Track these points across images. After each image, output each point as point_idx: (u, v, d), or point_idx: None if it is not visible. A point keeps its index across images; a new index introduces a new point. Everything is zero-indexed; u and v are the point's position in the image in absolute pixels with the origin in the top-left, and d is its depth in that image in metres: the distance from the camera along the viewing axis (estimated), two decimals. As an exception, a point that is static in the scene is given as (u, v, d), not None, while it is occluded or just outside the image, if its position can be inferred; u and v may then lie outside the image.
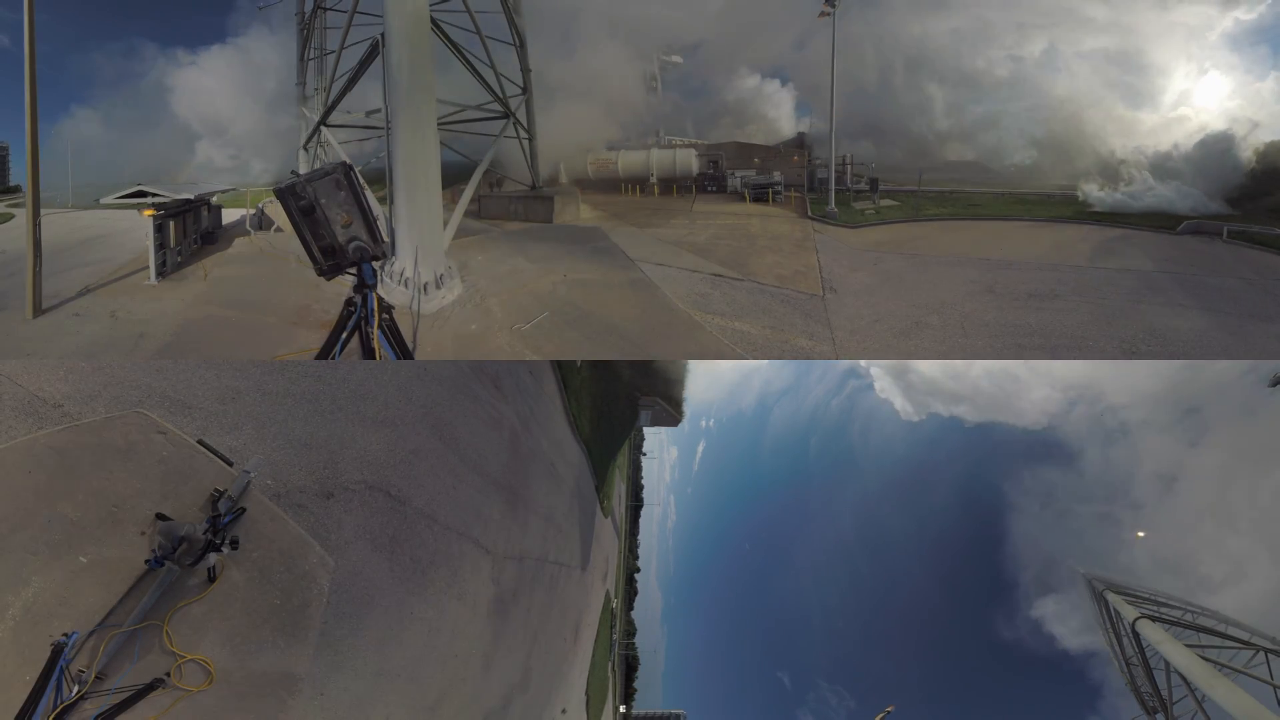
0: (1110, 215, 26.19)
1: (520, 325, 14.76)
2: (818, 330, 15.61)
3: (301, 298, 15.70)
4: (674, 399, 52.40)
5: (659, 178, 33.85)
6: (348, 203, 4.70)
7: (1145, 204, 26.13)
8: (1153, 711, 22.23)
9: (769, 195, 30.82)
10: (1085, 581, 29.91)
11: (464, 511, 12.09)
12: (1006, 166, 33.25)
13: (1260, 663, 18.59)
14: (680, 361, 45.48)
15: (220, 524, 6.56)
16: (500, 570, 13.85)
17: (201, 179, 32.92)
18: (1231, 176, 26.04)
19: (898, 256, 21.90)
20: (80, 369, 7.79)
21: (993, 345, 14.98)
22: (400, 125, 15.24)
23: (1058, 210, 27.71)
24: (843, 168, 32.58)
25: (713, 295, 17.23)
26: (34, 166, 14.14)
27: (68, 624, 6.00)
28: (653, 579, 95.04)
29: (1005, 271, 19.66)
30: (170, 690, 6.19)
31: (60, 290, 16.00)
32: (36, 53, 13.92)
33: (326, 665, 7.70)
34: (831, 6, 27.23)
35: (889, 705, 27.90)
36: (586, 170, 34.41)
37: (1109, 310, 16.44)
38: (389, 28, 15.24)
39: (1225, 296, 17.60)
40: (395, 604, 9.38)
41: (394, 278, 15.29)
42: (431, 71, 15.67)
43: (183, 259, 19.17)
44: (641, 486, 71.86)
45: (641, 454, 71.48)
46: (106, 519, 6.57)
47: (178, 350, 13.01)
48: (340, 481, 8.96)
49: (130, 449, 6.97)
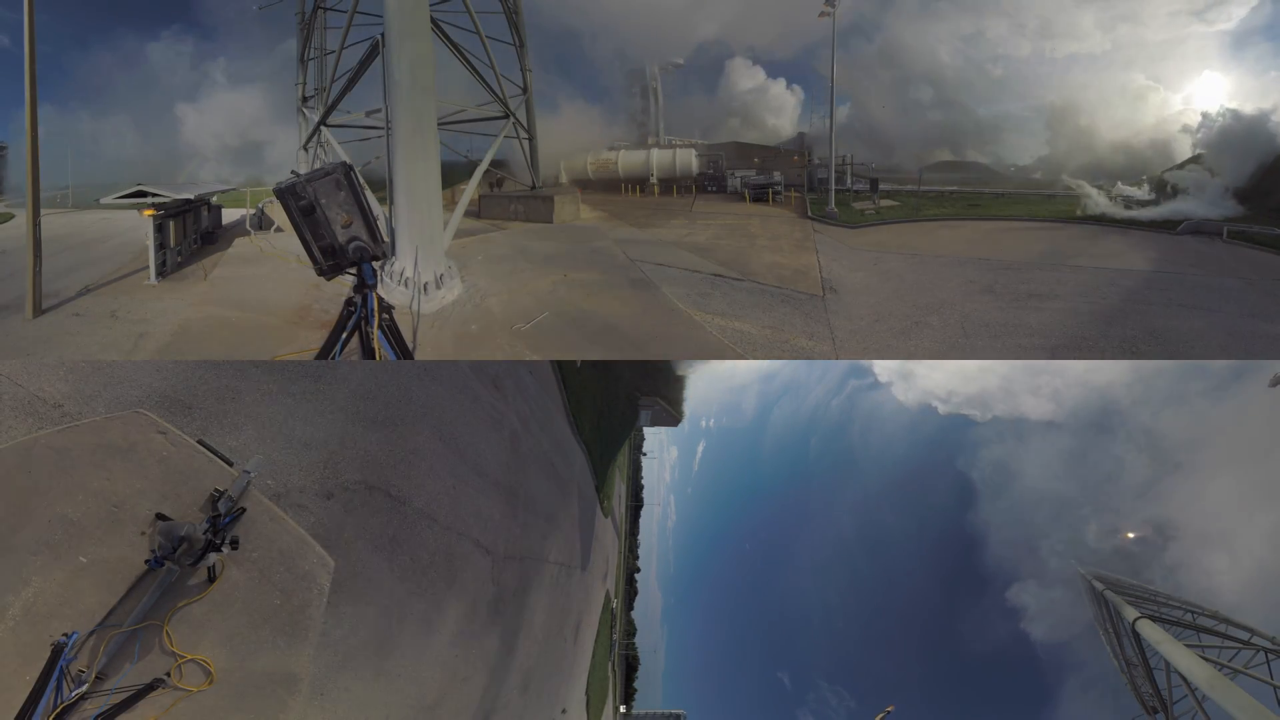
0: (1109, 215, 26.18)
1: (520, 325, 14.75)
2: (818, 330, 15.60)
3: (301, 298, 15.69)
4: (674, 399, 52.43)
5: (659, 178, 33.88)
6: (348, 203, 4.70)
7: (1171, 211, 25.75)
8: (1153, 711, 22.22)
9: (769, 195, 30.83)
10: (1085, 581, 29.90)
11: (464, 511, 12.08)
12: (1007, 166, 33.27)
13: (1260, 663, 18.58)
14: (680, 361, 45.50)
15: (220, 524, 6.55)
16: (500, 570, 13.85)
17: (201, 179, 32.92)
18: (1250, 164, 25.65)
19: (898, 256, 21.90)
20: (80, 369, 7.79)
21: (993, 345, 14.97)
22: (400, 125, 15.24)
23: (1058, 210, 27.71)
24: (843, 168, 32.60)
25: (713, 295, 17.22)
26: (34, 166, 14.13)
27: (68, 624, 6.00)
28: (653, 579, 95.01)
29: (1005, 271, 19.66)
30: (170, 690, 6.18)
31: (60, 290, 16.00)
32: (36, 53, 13.92)
33: (326, 665, 7.71)
34: (831, 6, 27.24)
35: (889, 705, 27.90)
36: (586, 170, 34.44)
37: (1109, 310, 16.42)
38: (389, 28, 15.23)
39: (1225, 296, 17.59)
40: (395, 604, 9.38)
41: (394, 278, 15.29)
42: (431, 71, 15.66)
43: (183, 259, 19.17)
44: (641, 486, 71.85)
45: (641, 454, 71.48)
46: (106, 519, 6.57)
47: (178, 350, 13.00)
48: (340, 481, 8.96)
49: (130, 449, 6.97)
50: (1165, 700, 20.78)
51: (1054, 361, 31.33)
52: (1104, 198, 27.38)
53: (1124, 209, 26.45)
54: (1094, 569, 32.05)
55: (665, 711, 60.57)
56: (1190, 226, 23.98)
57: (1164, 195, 26.78)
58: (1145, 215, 25.65)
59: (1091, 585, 28.02)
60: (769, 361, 27.28)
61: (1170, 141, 29.47)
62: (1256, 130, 26.68)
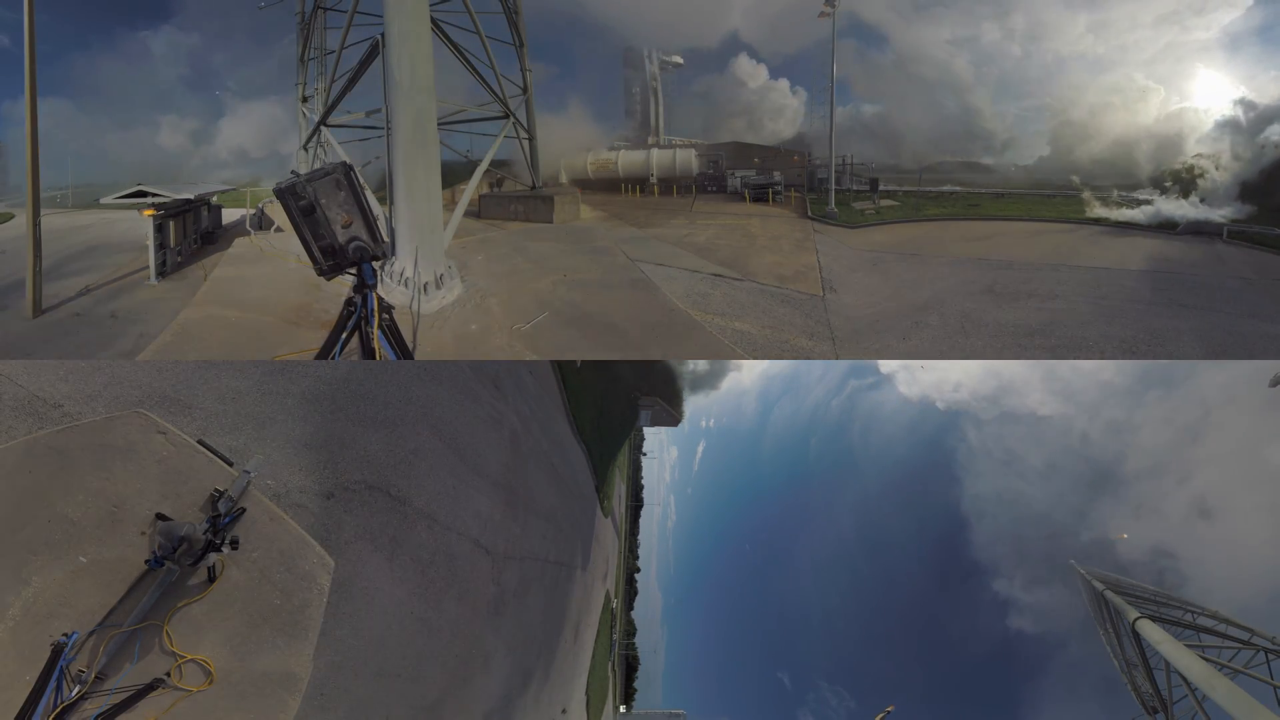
0: (1110, 216, 26.19)
1: (520, 325, 14.75)
2: (818, 330, 15.60)
3: (301, 298, 15.68)
4: (674, 399, 52.43)
5: (659, 178, 33.88)
6: (348, 203, 4.71)
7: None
8: (1153, 711, 22.19)
9: (769, 195, 30.83)
10: (1085, 581, 29.87)
11: (464, 511, 12.08)
12: (1007, 166, 33.28)
13: (1260, 663, 18.57)
14: (680, 361, 45.52)
15: (220, 524, 6.56)
16: (500, 570, 13.85)
17: (201, 179, 32.93)
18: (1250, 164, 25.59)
19: (897, 256, 21.90)
20: (80, 369, 7.79)
21: (993, 345, 14.97)
22: (400, 125, 15.23)
23: (1058, 210, 27.72)
24: (843, 168, 32.60)
25: (713, 295, 17.22)
26: (34, 166, 14.11)
27: (68, 624, 6.00)
28: (653, 579, 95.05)
29: (1005, 271, 19.66)
30: (170, 690, 6.19)
31: (60, 290, 15.99)
32: (36, 53, 13.92)
33: (326, 665, 7.70)
34: (831, 6, 27.24)
35: (889, 705, 27.90)
36: (586, 170, 34.44)
37: (1109, 310, 16.42)
38: (389, 28, 15.22)
39: (1225, 296, 17.59)
40: (395, 604, 9.38)
41: (394, 278, 15.28)
42: (431, 71, 15.65)
43: (183, 259, 19.17)
44: (641, 486, 71.86)
45: (641, 454, 71.51)
46: (106, 519, 6.57)
47: (178, 350, 12.99)
48: (340, 481, 8.96)
49: (130, 449, 6.97)
50: (1165, 700, 20.76)
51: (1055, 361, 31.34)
52: (1104, 198, 27.40)
53: (1124, 209, 26.45)
54: (1093, 568, 32.01)
55: (665, 711, 60.54)
56: (1190, 226, 23.98)
57: (1164, 195, 26.78)
58: (1145, 215, 25.65)
59: (1091, 585, 27.99)
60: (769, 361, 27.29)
61: (1170, 141, 29.46)
62: (1256, 130, 26.71)
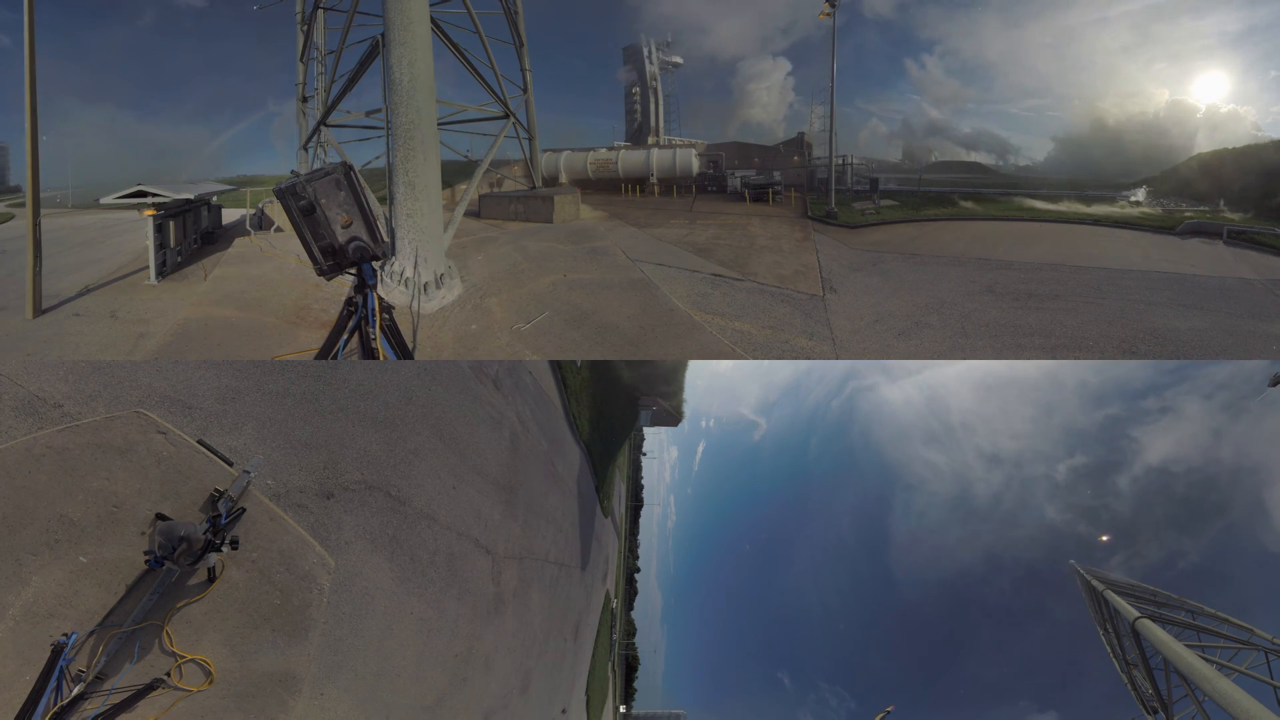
0: (1110, 216, 26.19)
1: (520, 325, 14.75)
2: (818, 330, 15.60)
3: (301, 298, 15.69)
4: (674, 399, 52.38)
5: (659, 178, 33.89)
6: (348, 203, 4.70)
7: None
8: (1153, 711, 22.18)
9: (769, 195, 30.83)
10: (1084, 581, 29.86)
11: (464, 511, 12.08)
12: (1008, 166, 33.29)
13: (1260, 663, 18.56)
14: (680, 361, 45.48)
15: (220, 524, 6.55)
16: (500, 570, 13.85)
17: (201, 179, 32.93)
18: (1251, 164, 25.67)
19: (898, 256, 21.89)
20: (80, 369, 7.78)
21: (993, 345, 14.97)
22: (400, 125, 15.24)
23: (1058, 210, 27.71)
24: (843, 168, 32.60)
25: (713, 295, 17.22)
26: (34, 166, 14.12)
27: (68, 624, 6.00)
28: (653, 579, 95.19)
29: (1005, 271, 19.66)
30: (170, 690, 6.19)
31: (60, 290, 15.99)
32: (36, 53, 13.92)
33: (326, 665, 7.70)
34: (832, 6, 27.25)
35: (889, 705, 27.89)
36: (586, 170, 34.44)
37: (1109, 310, 16.42)
38: (389, 28, 15.23)
39: (1225, 296, 17.59)
40: (395, 604, 9.38)
41: (394, 278, 15.28)
42: (431, 71, 15.66)
43: (183, 259, 19.17)
44: (641, 486, 71.89)
45: (641, 454, 71.54)
46: (106, 519, 6.57)
47: (178, 350, 12.99)
48: (340, 481, 8.95)
49: (130, 449, 6.97)
50: (1165, 700, 20.75)
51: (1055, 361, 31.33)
52: (1104, 197, 27.41)
53: (1124, 209, 26.46)
54: (1093, 569, 31.99)
55: (665, 711, 60.56)
56: (1190, 226, 23.97)
57: (1164, 195, 26.79)
58: (1145, 215, 25.66)
59: (1091, 585, 27.97)
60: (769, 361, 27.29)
61: (1172, 141, 29.49)
62: (1258, 130, 26.72)
